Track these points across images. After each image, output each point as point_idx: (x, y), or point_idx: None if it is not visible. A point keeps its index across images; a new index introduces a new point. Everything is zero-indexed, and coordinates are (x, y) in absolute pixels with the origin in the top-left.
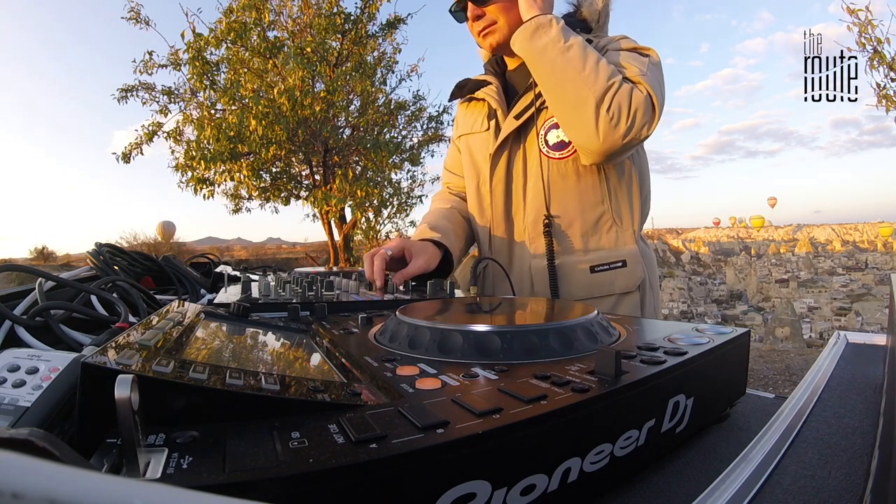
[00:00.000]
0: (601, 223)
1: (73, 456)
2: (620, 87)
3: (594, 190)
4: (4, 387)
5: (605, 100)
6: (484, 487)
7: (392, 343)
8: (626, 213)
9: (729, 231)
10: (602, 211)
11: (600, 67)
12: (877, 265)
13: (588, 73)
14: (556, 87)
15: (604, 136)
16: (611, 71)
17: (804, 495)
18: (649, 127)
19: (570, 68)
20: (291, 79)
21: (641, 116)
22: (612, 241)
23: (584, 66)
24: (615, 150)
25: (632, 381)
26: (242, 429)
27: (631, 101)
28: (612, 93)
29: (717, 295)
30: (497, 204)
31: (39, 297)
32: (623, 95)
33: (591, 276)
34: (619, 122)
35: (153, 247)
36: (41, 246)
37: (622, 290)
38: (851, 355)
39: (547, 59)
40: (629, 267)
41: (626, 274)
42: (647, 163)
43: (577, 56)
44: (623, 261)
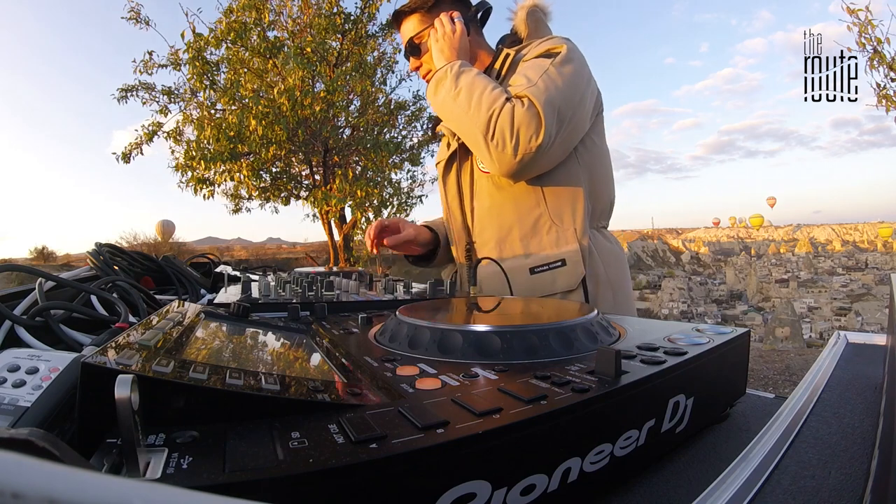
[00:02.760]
0: (539, 225)
1: (73, 456)
2: (501, 112)
3: (528, 196)
4: (4, 387)
5: (489, 130)
6: (484, 487)
7: (392, 343)
8: (568, 213)
9: (729, 231)
10: (539, 214)
11: (483, 100)
12: (877, 265)
13: (472, 111)
14: (458, 131)
15: (498, 162)
16: (493, 98)
17: (804, 495)
18: (538, 136)
19: (460, 112)
20: (291, 79)
21: (525, 131)
22: (553, 241)
23: (470, 105)
24: (516, 170)
25: (632, 381)
26: (242, 429)
27: (512, 121)
28: (493, 121)
29: (717, 295)
30: (454, 214)
31: (39, 297)
32: (504, 119)
33: (531, 277)
34: (504, 146)
35: (153, 247)
36: (41, 246)
37: (563, 289)
38: (851, 355)
39: (446, 109)
40: (568, 266)
41: (566, 273)
42: (602, 158)
43: (465, 98)
44: (562, 260)
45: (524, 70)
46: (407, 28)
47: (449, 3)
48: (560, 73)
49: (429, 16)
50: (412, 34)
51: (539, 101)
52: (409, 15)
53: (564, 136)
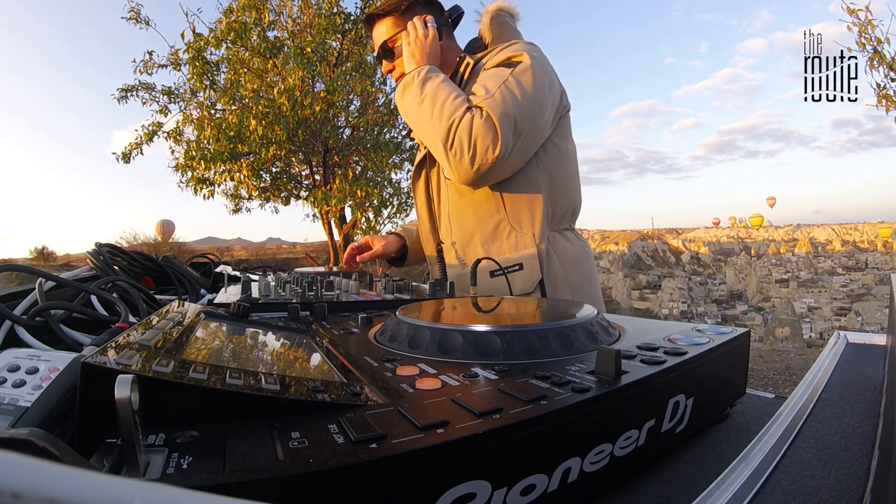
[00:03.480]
0: (499, 231)
1: (73, 456)
2: (461, 121)
3: (487, 202)
4: (4, 387)
5: (448, 138)
6: (484, 487)
7: (392, 343)
8: (527, 218)
9: (729, 231)
10: (498, 220)
11: (445, 108)
12: (877, 265)
13: (434, 118)
14: (421, 136)
15: (456, 171)
16: (454, 108)
17: (804, 495)
18: (494, 149)
19: (423, 118)
20: (291, 79)
21: (482, 142)
22: (513, 246)
23: (433, 112)
24: (473, 179)
25: (632, 381)
26: (242, 429)
27: (471, 131)
28: (452, 130)
29: (717, 295)
30: (423, 218)
31: (39, 297)
32: (463, 129)
33: (490, 280)
34: (462, 156)
35: (153, 247)
36: (41, 246)
37: (520, 292)
38: (851, 355)
39: (411, 115)
40: (525, 269)
41: (524, 276)
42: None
43: (428, 105)
44: (520, 264)
45: (483, 80)
46: (380, 31)
47: (422, 7)
48: (518, 84)
49: (402, 19)
50: (385, 37)
51: (495, 114)
52: (382, 18)
53: (522, 146)
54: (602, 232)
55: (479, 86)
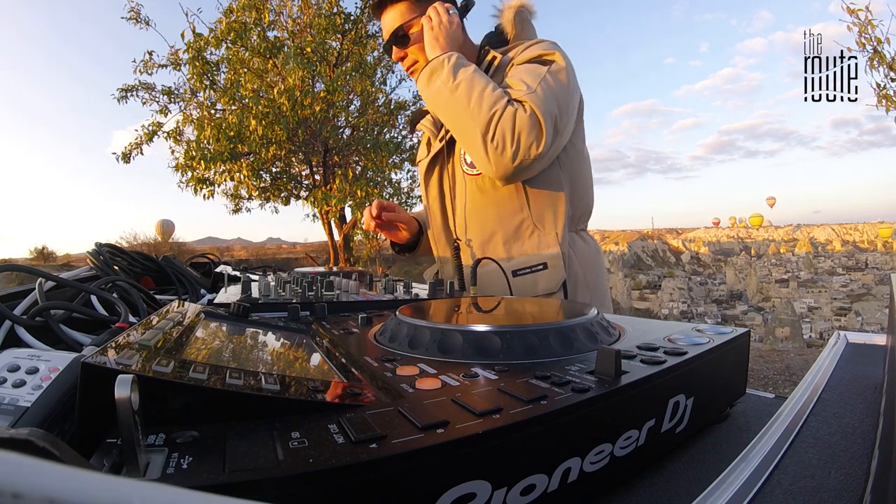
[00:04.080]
0: (522, 230)
1: (73, 456)
2: (503, 114)
3: (511, 200)
4: (4, 387)
5: (489, 130)
6: (484, 487)
7: (392, 343)
8: (549, 217)
9: (729, 231)
10: (522, 218)
11: (484, 98)
12: (877, 265)
13: (472, 108)
14: (452, 126)
15: (495, 164)
16: (494, 99)
17: (804, 495)
18: (538, 145)
19: (458, 106)
20: (291, 79)
21: (526, 137)
22: (535, 245)
23: (469, 101)
24: (511, 174)
25: (632, 381)
26: (242, 429)
27: (514, 124)
28: (494, 122)
29: (717, 295)
30: (435, 215)
31: (39, 297)
32: (506, 121)
33: (513, 279)
34: (504, 149)
35: (153, 247)
36: (41, 246)
37: (544, 291)
38: (851, 355)
39: (441, 101)
40: (550, 269)
41: (548, 275)
42: (582, 162)
43: (464, 92)
44: (543, 264)
45: (520, 74)
46: (393, 16)
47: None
48: (557, 82)
49: (418, 5)
50: (401, 22)
51: (540, 110)
52: (395, 3)
53: (556, 145)
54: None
55: (515, 80)
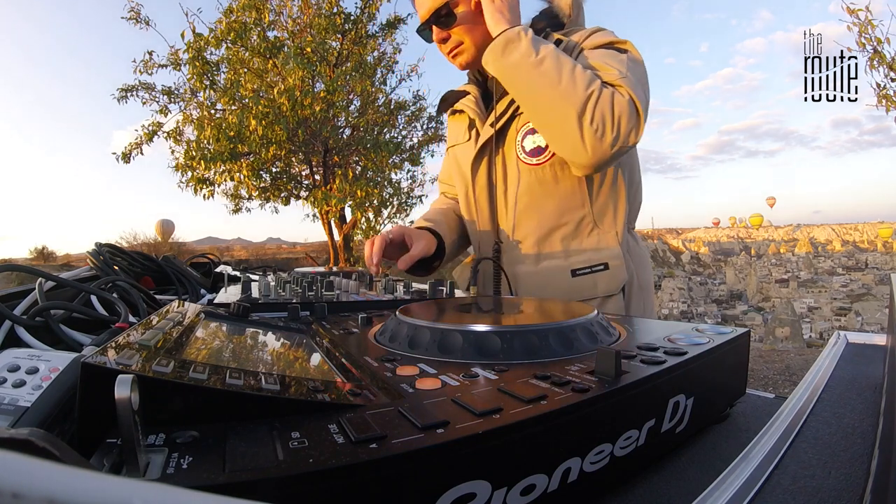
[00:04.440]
0: (582, 226)
1: (73, 456)
2: (601, 95)
3: (573, 194)
4: (4, 387)
5: (586, 111)
6: (484, 487)
7: (392, 343)
8: (609, 214)
9: (729, 231)
10: (583, 214)
11: (577, 76)
12: (877, 265)
13: (565, 85)
14: (535, 104)
15: (592, 149)
16: (588, 78)
17: (804, 495)
18: (636, 133)
19: (545, 82)
20: (291, 79)
21: (626, 123)
22: (594, 243)
23: (560, 77)
24: (605, 161)
25: (632, 381)
26: (242, 429)
27: (613, 108)
28: (592, 102)
29: (717, 295)
30: (482, 211)
31: (39, 297)
32: (605, 103)
33: (571, 280)
34: (604, 133)
35: (153, 247)
36: (41, 246)
37: (605, 293)
38: (851, 355)
39: (520, 76)
40: (611, 270)
41: (609, 276)
42: (636, 158)
43: (552, 67)
44: (605, 263)
45: (603, 58)
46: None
47: None
48: (639, 71)
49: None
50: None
51: (637, 96)
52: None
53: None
54: None
55: (601, 62)
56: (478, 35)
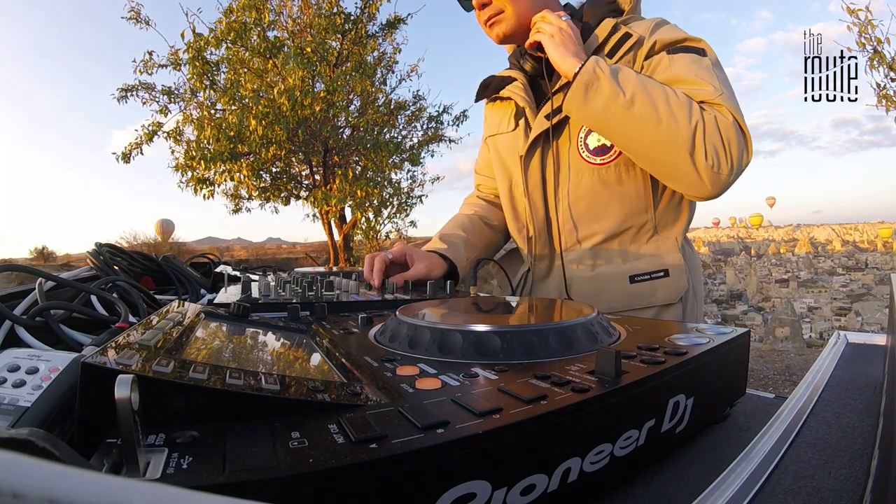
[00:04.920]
0: (643, 232)
1: (73, 456)
2: (706, 124)
3: (638, 198)
4: (4, 387)
5: (696, 147)
6: (484, 487)
7: (392, 343)
8: (670, 220)
9: (729, 231)
10: (645, 220)
11: (675, 109)
12: (877, 265)
13: (666, 124)
14: (636, 147)
15: (711, 183)
16: (687, 107)
17: (804, 495)
18: (747, 154)
19: (643, 124)
20: (291, 79)
21: (737, 147)
22: (654, 249)
23: (658, 115)
24: (725, 189)
25: (632, 381)
26: (242, 429)
27: (721, 135)
28: (700, 135)
29: (718, 295)
30: (536, 209)
31: (39, 297)
32: (713, 133)
33: (630, 286)
34: (720, 165)
35: (153, 247)
36: (41, 246)
37: (664, 302)
38: (851, 355)
39: (613, 121)
40: (672, 277)
41: (669, 284)
42: None
43: (646, 106)
44: (665, 270)
45: (692, 68)
46: None
47: None
48: (725, 79)
49: None
50: None
51: (738, 114)
52: None
53: None
54: None
55: (689, 75)
56: (521, 6)
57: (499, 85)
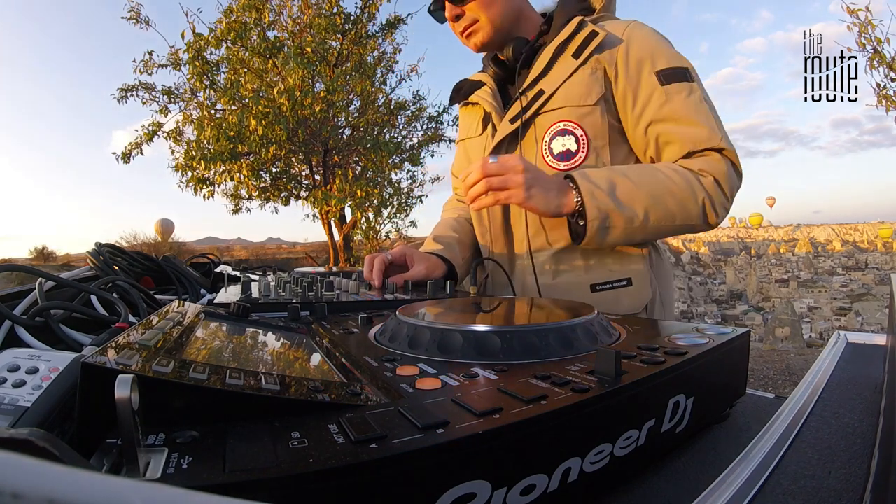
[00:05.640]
0: None
1: (73, 456)
2: (710, 193)
3: None
4: (4, 387)
5: (707, 214)
6: (484, 487)
7: (392, 343)
8: None
9: (729, 231)
10: None
11: (683, 201)
12: (877, 265)
13: (682, 217)
14: (658, 237)
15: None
16: (691, 191)
17: (804, 495)
18: (739, 183)
19: (661, 228)
20: (291, 79)
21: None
22: (617, 257)
23: (673, 215)
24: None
25: (632, 381)
26: (242, 429)
27: (724, 191)
28: (709, 205)
29: (717, 295)
30: (494, 215)
31: (39, 297)
32: (717, 196)
33: (591, 295)
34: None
35: (153, 247)
36: (41, 246)
37: (627, 311)
38: (851, 355)
39: (636, 238)
40: (635, 286)
41: (632, 293)
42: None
43: (660, 215)
44: (628, 279)
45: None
46: None
47: None
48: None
49: None
50: None
51: (731, 150)
52: None
53: None
54: None
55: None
56: (495, 11)
57: (469, 89)
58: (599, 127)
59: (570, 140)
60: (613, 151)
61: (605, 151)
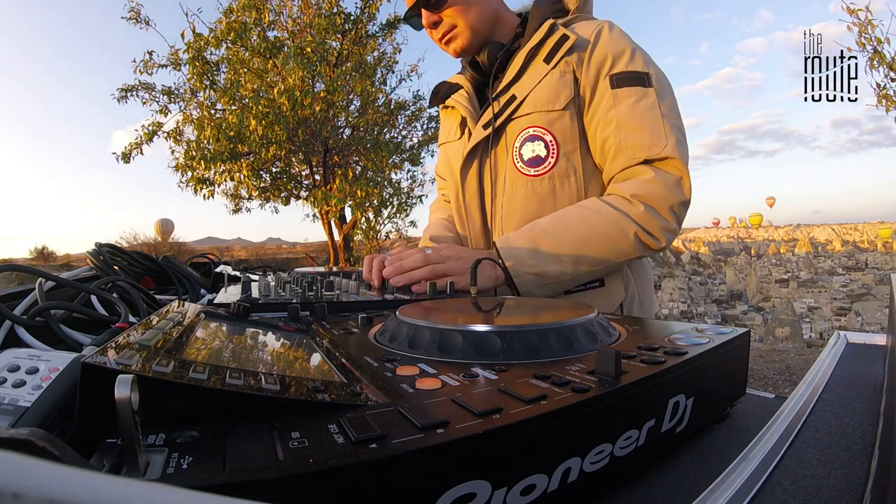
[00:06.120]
0: None
1: (73, 456)
2: (642, 223)
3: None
4: (4, 387)
5: (646, 243)
6: (484, 487)
7: (392, 343)
8: None
9: (729, 231)
10: None
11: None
12: (877, 265)
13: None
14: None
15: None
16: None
17: (804, 495)
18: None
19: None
20: (291, 79)
21: (677, 205)
22: None
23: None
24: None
25: (632, 381)
26: (242, 429)
27: (661, 215)
28: (644, 234)
29: (717, 295)
30: (472, 216)
31: (39, 297)
32: (651, 224)
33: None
34: (666, 236)
35: (153, 247)
36: (41, 246)
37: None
38: (851, 355)
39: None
40: (607, 287)
41: (605, 294)
42: None
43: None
44: (600, 280)
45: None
46: None
47: None
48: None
49: None
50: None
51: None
52: None
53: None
54: None
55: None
56: (472, 16)
57: (447, 92)
58: (569, 132)
59: (539, 146)
60: (584, 156)
61: (576, 156)
